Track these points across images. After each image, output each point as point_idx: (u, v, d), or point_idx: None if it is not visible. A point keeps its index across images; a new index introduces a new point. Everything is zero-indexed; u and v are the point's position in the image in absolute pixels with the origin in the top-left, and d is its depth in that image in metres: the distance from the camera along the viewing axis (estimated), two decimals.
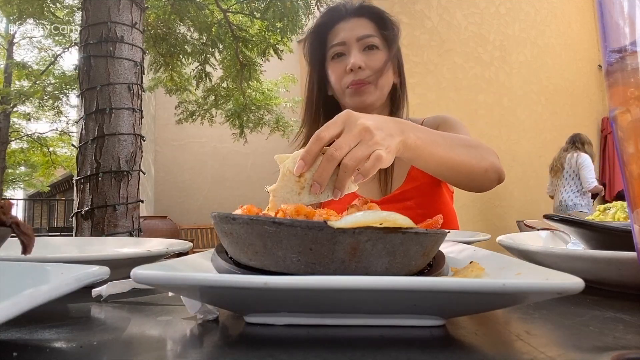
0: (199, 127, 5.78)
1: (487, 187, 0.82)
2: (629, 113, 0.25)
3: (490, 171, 0.76)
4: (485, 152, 0.77)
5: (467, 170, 0.72)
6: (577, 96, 4.37)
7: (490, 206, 3.43)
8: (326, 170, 0.47)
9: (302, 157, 0.47)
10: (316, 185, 0.47)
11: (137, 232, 2.51)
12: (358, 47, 0.93)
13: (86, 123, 2.46)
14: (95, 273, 0.31)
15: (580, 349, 0.26)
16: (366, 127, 0.50)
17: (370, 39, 0.93)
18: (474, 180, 0.76)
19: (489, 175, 0.76)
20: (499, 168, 0.79)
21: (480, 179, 0.76)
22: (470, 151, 0.73)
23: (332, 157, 0.47)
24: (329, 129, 0.50)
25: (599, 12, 0.26)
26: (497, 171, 0.78)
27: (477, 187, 0.81)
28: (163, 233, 4.37)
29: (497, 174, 0.79)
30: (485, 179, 0.77)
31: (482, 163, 0.74)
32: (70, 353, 0.26)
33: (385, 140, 0.52)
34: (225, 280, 0.25)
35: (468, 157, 0.71)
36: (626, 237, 0.37)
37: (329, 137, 0.49)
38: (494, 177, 0.78)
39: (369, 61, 0.92)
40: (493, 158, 0.78)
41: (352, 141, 0.49)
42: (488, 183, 0.79)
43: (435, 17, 3.17)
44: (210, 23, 4.34)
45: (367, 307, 0.28)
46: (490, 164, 0.76)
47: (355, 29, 0.93)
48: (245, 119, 5.19)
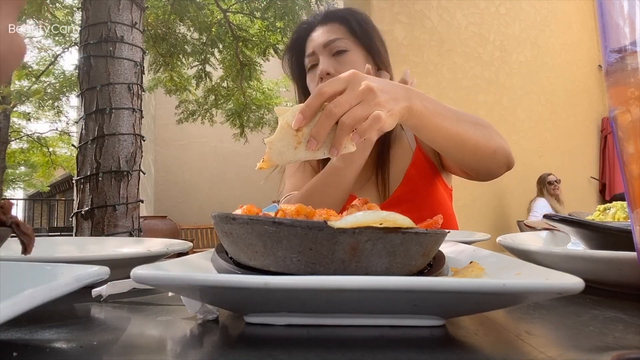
0: (199, 127, 5.78)
1: (496, 171, 0.78)
2: (629, 113, 0.25)
3: (500, 154, 0.72)
4: (494, 134, 0.73)
5: (474, 148, 0.69)
6: (577, 96, 4.37)
7: (490, 206, 3.43)
8: (324, 126, 0.47)
9: (302, 110, 0.47)
10: (313, 141, 0.47)
11: (137, 232, 2.51)
12: (326, 53, 0.89)
13: (86, 123, 2.46)
14: (95, 273, 0.31)
15: (580, 349, 0.26)
16: (370, 87, 0.49)
17: (336, 43, 0.89)
18: (481, 161, 0.73)
19: (498, 157, 0.73)
20: (508, 152, 0.75)
21: (488, 161, 0.73)
22: (478, 129, 0.69)
23: (331, 113, 0.47)
24: (332, 85, 0.49)
25: (599, 12, 0.26)
26: (506, 155, 0.74)
27: (485, 169, 0.77)
28: (163, 233, 4.37)
29: (507, 158, 0.75)
30: (493, 162, 0.73)
31: (490, 143, 0.71)
32: (70, 353, 0.26)
33: (388, 103, 0.51)
34: (225, 280, 0.25)
35: (475, 135, 0.68)
36: (626, 237, 0.37)
37: (331, 92, 0.49)
38: (502, 160, 0.74)
39: (338, 65, 0.87)
40: (502, 141, 0.74)
41: (354, 100, 0.49)
42: (496, 166, 0.75)
43: (435, 17, 3.17)
44: (210, 23, 4.34)
45: (367, 307, 0.28)
46: (498, 145, 0.72)
47: (322, 36, 0.91)
48: (246, 118, 5.20)
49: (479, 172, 0.79)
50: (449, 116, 0.63)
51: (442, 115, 0.62)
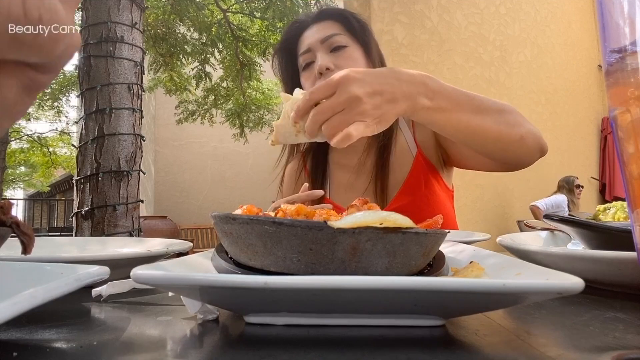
0: (199, 127, 5.78)
1: (527, 159, 0.72)
2: (629, 113, 0.25)
3: (528, 139, 0.67)
4: (520, 119, 0.68)
5: (496, 137, 0.64)
6: (577, 96, 4.37)
7: (490, 206, 3.43)
8: (312, 128, 0.51)
9: (295, 111, 0.52)
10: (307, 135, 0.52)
11: (137, 232, 2.51)
12: (324, 49, 0.86)
13: (86, 123, 2.46)
14: (95, 273, 0.31)
15: (580, 349, 0.26)
16: (355, 96, 0.50)
17: (335, 38, 0.86)
18: (507, 150, 0.68)
19: (527, 143, 0.67)
20: (538, 137, 0.69)
21: (516, 149, 0.67)
22: (502, 116, 0.65)
23: (315, 120, 0.51)
24: (320, 91, 0.51)
25: (599, 12, 0.26)
26: (536, 140, 0.69)
27: (514, 158, 0.71)
28: (163, 233, 4.37)
29: (537, 143, 0.69)
30: (522, 149, 0.68)
31: (516, 129, 0.66)
32: (70, 353, 0.26)
33: (378, 109, 0.52)
34: (225, 280, 0.25)
35: (498, 123, 0.63)
36: (626, 237, 0.37)
37: (318, 99, 0.51)
38: (533, 146, 0.69)
39: (337, 61, 0.85)
40: (530, 126, 0.69)
41: (337, 107, 0.50)
42: (527, 154, 0.70)
43: (435, 17, 3.17)
44: (210, 23, 4.34)
45: (367, 307, 0.28)
46: (527, 131, 0.67)
47: (318, 32, 0.88)
48: (245, 118, 5.20)
49: (507, 161, 0.74)
50: (465, 107, 0.60)
51: (457, 107, 0.59)
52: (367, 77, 0.52)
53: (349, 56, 0.86)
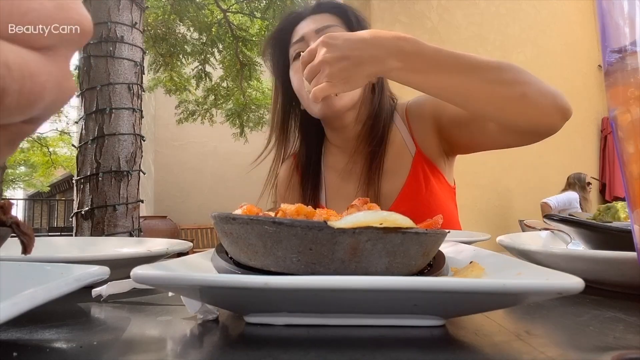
0: (199, 127, 5.78)
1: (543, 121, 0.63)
2: (629, 113, 0.25)
3: (535, 97, 0.60)
4: (525, 76, 0.61)
5: (488, 97, 0.59)
6: (577, 96, 4.37)
7: (490, 206, 3.44)
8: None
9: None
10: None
11: (137, 232, 2.51)
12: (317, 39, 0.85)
13: (86, 123, 2.47)
14: (95, 273, 0.31)
15: (580, 349, 0.26)
16: (323, 61, 0.59)
17: (331, 29, 0.82)
18: (506, 110, 0.61)
19: (535, 102, 0.60)
20: (553, 95, 0.61)
21: (519, 108, 0.61)
22: (496, 74, 0.59)
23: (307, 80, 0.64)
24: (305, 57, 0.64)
25: (599, 12, 0.26)
26: (549, 98, 0.61)
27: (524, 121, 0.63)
28: (163, 233, 4.37)
29: (552, 102, 0.61)
30: (528, 109, 0.60)
31: (515, 87, 0.59)
32: (70, 353, 0.26)
33: (344, 72, 0.59)
34: (225, 280, 0.25)
35: (488, 82, 0.59)
36: (626, 237, 0.37)
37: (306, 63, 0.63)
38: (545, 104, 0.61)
39: None
40: (540, 84, 0.62)
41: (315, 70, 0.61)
42: (539, 115, 0.61)
43: (435, 17, 3.17)
44: (210, 23, 4.34)
45: (367, 307, 0.28)
46: (533, 89, 0.60)
47: (314, 22, 0.85)
48: (246, 118, 5.20)
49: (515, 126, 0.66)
50: (447, 67, 0.58)
51: (436, 67, 0.58)
52: (338, 42, 0.59)
53: None
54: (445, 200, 0.90)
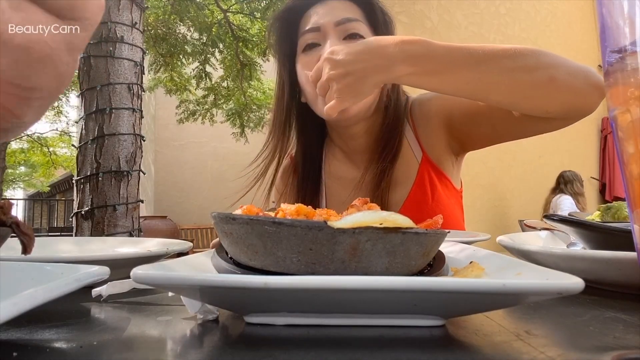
0: (199, 127, 5.77)
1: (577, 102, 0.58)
2: (629, 113, 0.25)
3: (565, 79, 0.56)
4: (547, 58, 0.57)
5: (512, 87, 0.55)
6: None
7: (490, 206, 3.44)
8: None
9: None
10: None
11: (137, 232, 2.51)
12: (336, 34, 0.71)
13: (86, 123, 2.47)
14: (95, 273, 0.31)
15: (580, 349, 0.26)
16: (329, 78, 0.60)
17: (353, 24, 0.72)
18: (536, 97, 0.57)
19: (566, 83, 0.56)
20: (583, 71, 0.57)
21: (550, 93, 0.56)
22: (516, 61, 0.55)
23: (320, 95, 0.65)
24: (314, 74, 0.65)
25: (599, 12, 0.26)
26: (581, 76, 0.57)
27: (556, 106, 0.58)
28: (163, 233, 4.37)
29: (583, 78, 0.57)
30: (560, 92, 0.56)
31: (540, 72, 0.55)
32: (70, 353, 0.26)
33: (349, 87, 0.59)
34: (225, 280, 0.25)
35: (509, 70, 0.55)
36: (626, 237, 0.37)
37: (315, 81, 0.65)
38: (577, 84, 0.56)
39: None
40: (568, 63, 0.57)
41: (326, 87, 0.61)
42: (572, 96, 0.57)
43: (435, 17, 3.17)
44: (210, 23, 4.34)
45: (367, 307, 0.28)
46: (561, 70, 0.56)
47: (334, 11, 0.72)
48: (246, 118, 5.20)
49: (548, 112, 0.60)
50: (461, 63, 0.54)
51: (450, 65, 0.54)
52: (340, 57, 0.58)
53: None
54: (451, 207, 0.85)
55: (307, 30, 0.73)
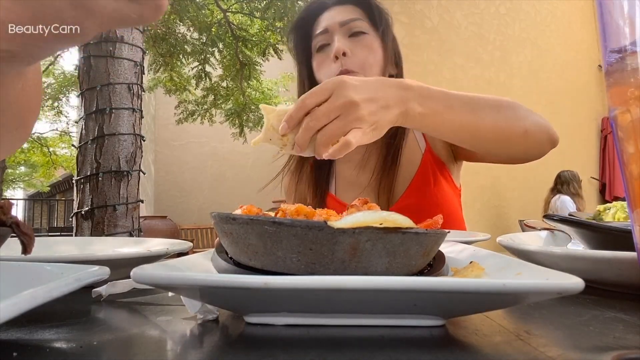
0: (199, 127, 5.77)
1: (536, 152, 0.69)
2: (629, 113, 0.25)
3: (534, 132, 0.65)
4: (523, 113, 0.65)
5: (496, 135, 0.62)
6: (577, 96, 4.37)
7: (490, 206, 3.44)
8: (304, 138, 0.48)
9: (286, 119, 0.48)
10: (297, 147, 0.49)
11: (137, 232, 2.51)
12: (342, 32, 0.83)
13: (86, 123, 2.46)
14: (95, 273, 0.31)
15: (580, 349, 0.26)
16: (352, 101, 0.48)
17: (355, 23, 0.83)
18: (511, 146, 0.66)
19: (534, 136, 0.65)
20: (546, 128, 0.67)
21: (521, 143, 0.65)
22: (500, 112, 0.62)
23: (308, 127, 0.48)
24: (315, 96, 0.49)
25: (599, 12, 0.26)
26: (544, 131, 0.66)
27: (521, 153, 0.69)
28: (163, 233, 4.37)
29: (547, 133, 0.67)
30: (528, 143, 0.65)
31: (518, 124, 0.63)
32: (70, 353, 0.26)
33: (373, 115, 0.50)
34: (225, 280, 0.25)
35: (496, 120, 0.61)
36: (626, 237, 0.37)
37: (313, 105, 0.49)
38: (541, 138, 0.66)
39: (355, 47, 0.82)
40: (536, 117, 0.66)
41: (333, 113, 0.48)
42: (535, 147, 0.67)
43: (435, 17, 3.17)
44: (210, 23, 4.34)
45: (367, 307, 0.28)
46: (532, 123, 0.65)
47: (339, 14, 0.84)
48: (245, 118, 5.20)
49: (513, 157, 0.72)
50: (458, 108, 0.58)
51: (449, 108, 0.58)
52: (360, 83, 0.51)
53: (367, 44, 0.83)
54: (451, 199, 0.92)
55: (318, 34, 0.86)
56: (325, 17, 0.86)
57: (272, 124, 0.49)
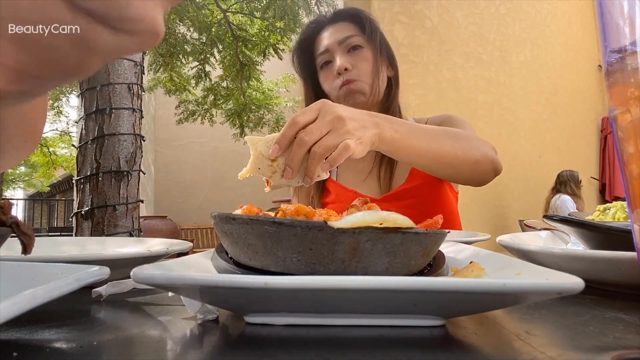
0: (199, 127, 5.77)
1: (482, 179, 0.79)
2: (629, 113, 0.25)
3: (483, 162, 0.74)
4: (477, 143, 0.74)
5: (453, 162, 0.70)
6: (577, 96, 4.37)
7: (490, 206, 3.43)
8: (297, 154, 0.49)
9: (277, 140, 0.49)
10: (288, 170, 0.49)
11: (137, 232, 2.51)
12: (341, 50, 0.94)
13: (86, 123, 2.46)
14: (95, 273, 0.31)
15: (580, 349, 0.26)
16: (339, 115, 0.52)
17: (351, 39, 0.93)
18: (463, 172, 0.74)
19: (482, 166, 0.74)
20: (493, 159, 0.77)
21: (471, 171, 0.74)
22: (457, 142, 0.71)
23: (303, 142, 0.49)
24: (305, 115, 0.51)
25: (599, 12, 0.26)
26: (491, 162, 0.76)
27: (470, 179, 0.79)
28: (163, 233, 4.37)
29: (492, 164, 0.76)
30: (477, 171, 0.74)
31: (471, 153, 0.72)
32: (70, 353, 0.26)
33: (357, 131, 0.53)
34: (225, 280, 0.25)
35: (453, 148, 0.69)
36: (626, 237, 0.37)
37: (304, 122, 0.51)
38: (487, 168, 0.76)
39: (354, 61, 0.93)
40: (487, 149, 0.76)
41: (324, 128, 0.51)
42: (481, 175, 0.77)
43: (435, 17, 3.17)
44: (210, 23, 4.33)
45: (367, 307, 0.28)
46: (482, 155, 0.74)
47: (336, 33, 0.95)
48: (246, 118, 5.19)
49: (464, 181, 0.81)
50: (421, 135, 0.65)
51: (415, 135, 0.64)
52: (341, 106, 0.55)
53: (364, 57, 0.93)
54: (448, 196, 0.98)
55: (320, 53, 0.96)
56: (324, 36, 0.96)
57: (260, 152, 0.49)
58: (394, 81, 1.00)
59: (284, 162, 0.49)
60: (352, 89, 0.92)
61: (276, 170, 0.49)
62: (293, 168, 0.49)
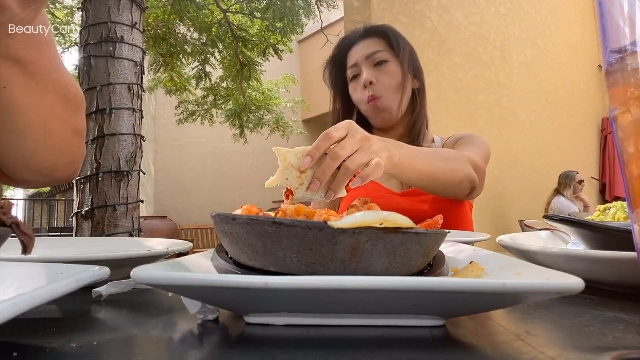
0: (199, 127, 5.78)
1: (461, 196, 0.89)
2: (629, 113, 0.25)
3: (465, 181, 0.83)
4: (461, 164, 0.83)
5: (444, 182, 0.78)
6: (577, 96, 4.37)
7: (490, 206, 3.43)
8: (329, 167, 0.50)
9: (310, 152, 0.49)
10: (316, 182, 0.49)
11: (137, 232, 2.51)
12: (368, 64, 1.01)
13: (86, 123, 2.46)
14: (95, 273, 0.31)
15: (580, 349, 0.26)
16: (366, 136, 0.55)
17: (378, 55, 1.01)
18: (449, 190, 0.83)
19: (463, 185, 0.83)
20: (472, 178, 0.85)
21: (455, 189, 0.83)
22: (448, 164, 0.79)
23: (337, 155, 0.50)
24: (337, 130, 0.53)
25: (599, 12, 0.26)
26: (470, 180, 0.85)
27: (452, 195, 0.88)
28: (163, 233, 4.37)
29: (470, 182, 0.85)
30: (459, 188, 0.84)
31: (457, 174, 0.81)
32: (70, 353, 0.26)
33: (381, 152, 0.58)
34: (225, 280, 0.25)
35: (445, 170, 0.77)
36: (626, 237, 0.37)
37: (337, 137, 0.52)
38: (467, 186, 0.85)
39: (379, 75, 1.00)
40: (468, 169, 0.84)
41: (355, 145, 0.53)
42: (462, 191, 0.86)
43: (435, 17, 3.17)
44: (210, 23, 4.34)
45: (367, 307, 0.28)
46: (464, 175, 0.82)
47: (364, 49, 1.03)
48: (245, 119, 5.20)
49: (446, 196, 0.91)
50: (421, 158, 0.71)
51: (417, 158, 0.69)
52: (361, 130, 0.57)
53: (389, 71, 1.02)
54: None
55: (350, 66, 1.06)
56: (354, 51, 1.05)
57: (290, 162, 0.49)
58: (419, 93, 1.07)
59: (312, 174, 0.49)
60: (378, 106, 1.01)
61: (303, 182, 0.49)
62: (322, 180, 0.49)
